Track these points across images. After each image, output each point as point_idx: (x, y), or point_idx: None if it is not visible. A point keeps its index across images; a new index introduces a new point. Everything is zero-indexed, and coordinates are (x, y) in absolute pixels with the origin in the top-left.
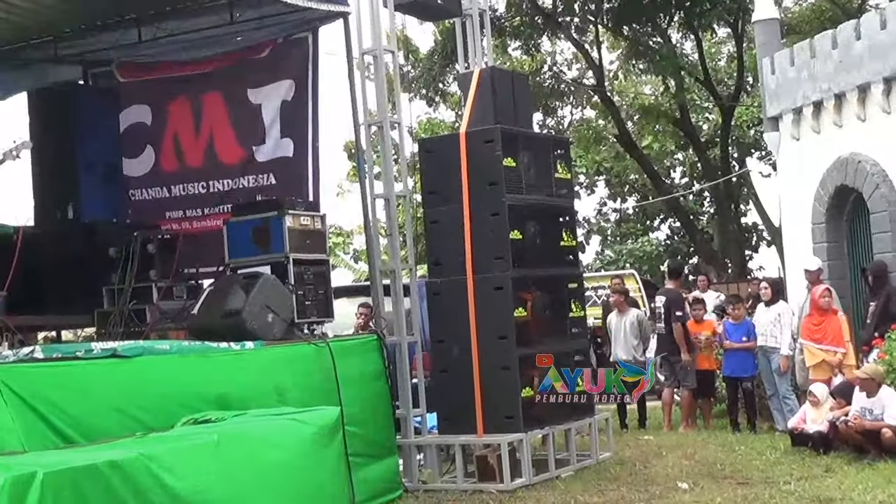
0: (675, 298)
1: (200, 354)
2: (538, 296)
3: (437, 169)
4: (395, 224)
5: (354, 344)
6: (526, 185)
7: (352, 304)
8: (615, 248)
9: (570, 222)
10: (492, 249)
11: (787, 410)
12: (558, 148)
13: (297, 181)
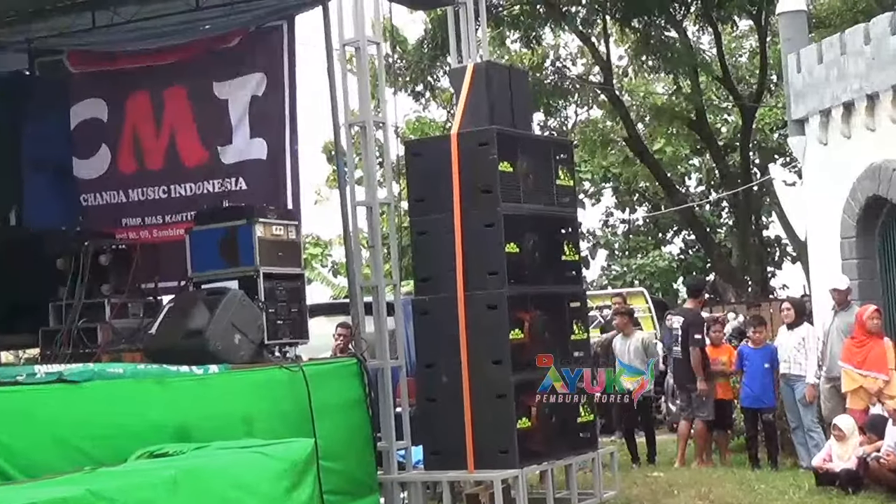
0: (694, 320)
1: (158, 380)
2: (537, 316)
3: (426, 174)
4: (378, 235)
5: (332, 368)
6: (524, 192)
7: (329, 324)
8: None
9: (572, 234)
10: (485, 264)
11: (812, 445)
12: (561, 151)
13: (271, 186)
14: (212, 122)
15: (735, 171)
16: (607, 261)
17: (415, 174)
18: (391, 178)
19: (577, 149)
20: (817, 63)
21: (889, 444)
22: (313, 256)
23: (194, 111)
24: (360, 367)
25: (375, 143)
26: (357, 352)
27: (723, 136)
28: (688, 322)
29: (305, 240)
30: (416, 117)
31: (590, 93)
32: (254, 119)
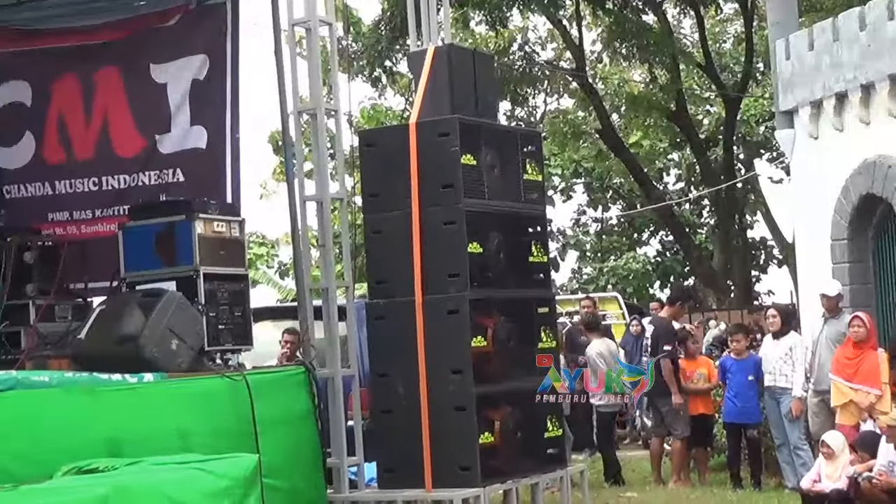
0: (664, 329)
1: (87, 389)
2: (501, 322)
3: (382, 167)
4: (329, 233)
5: (278, 378)
6: (488, 187)
7: (276, 330)
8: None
9: (541, 234)
10: (446, 265)
11: (800, 464)
12: (529, 144)
13: (210, 179)
14: (149, 107)
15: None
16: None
17: (369, 167)
18: (343, 172)
19: (547, 141)
20: (808, 50)
21: (882, 463)
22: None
23: (129, 96)
24: (308, 376)
25: (327, 133)
26: (305, 360)
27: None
28: (657, 332)
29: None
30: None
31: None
32: (195, 105)
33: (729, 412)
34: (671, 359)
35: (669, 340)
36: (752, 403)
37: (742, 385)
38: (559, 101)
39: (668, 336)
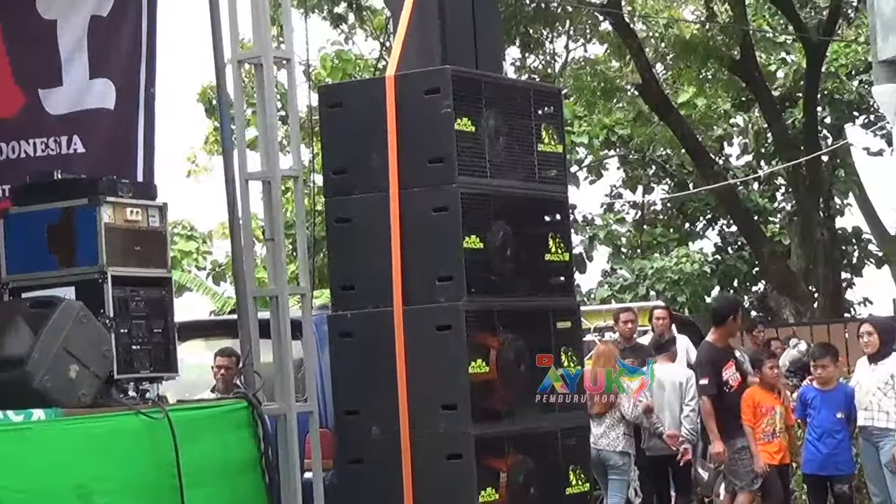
0: (704, 358)
1: None
2: (508, 341)
3: (349, 135)
4: (279, 222)
5: (211, 415)
6: (491, 162)
7: (208, 351)
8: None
9: (561, 223)
10: (435, 265)
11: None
12: (545, 104)
13: (120, 150)
14: (32, 53)
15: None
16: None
17: (333, 135)
18: (299, 141)
19: (569, 101)
20: None
21: None
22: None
23: (6, 38)
24: (251, 413)
25: (276, 89)
26: (248, 391)
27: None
28: (696, 361)
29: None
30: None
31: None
32: (95, 51)
33: (811, 461)
34: (708, 395)
35: (709, 371)
36: (842, 449)
37: (829, 425)
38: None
39: (708, 366)
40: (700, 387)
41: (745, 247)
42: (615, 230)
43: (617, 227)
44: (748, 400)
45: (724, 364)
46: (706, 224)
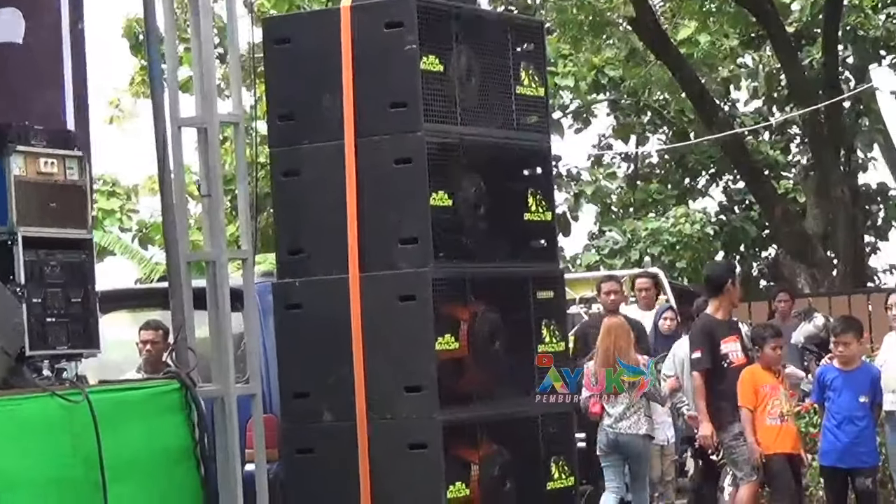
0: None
1: None
2: (481, 313)
3: (298, 75)
4: (217, 176)
5: (138, 398)
6: (463, 107)
7: (135, 324)
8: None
9: (543, 178)
10: (397, 225)
11: None
12: (525, 40)
13: (34, 92)
14: None
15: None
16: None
17: (279, 75)
18: (239, 82)
19: (553, 37)
20: None
21: None
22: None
23: None
24: (184, 396)
25: (214, 22)
26: (180, 371)
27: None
28: (690, 333)
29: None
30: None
31: None
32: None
33: (829, 451)
34: (700, 370)
35: (702, 344)
36: (865, 438)
37: (850, 410)
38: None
39: (702, 338)
40: (692, 360)
41: (754, 206)
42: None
43: (606, 182)
44: (746, 379)
45: (724, 337)
46: (709, 180)
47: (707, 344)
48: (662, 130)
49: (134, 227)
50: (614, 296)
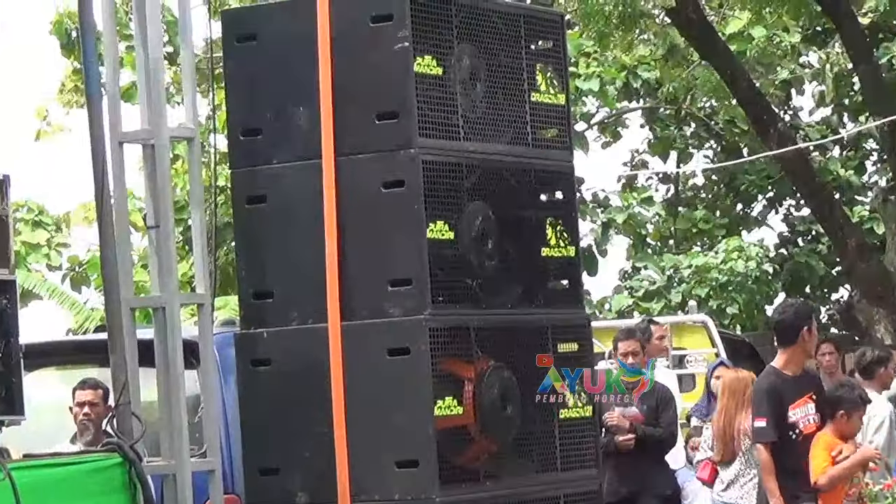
0: (765, 390)
1: None
2: (490, 370)
3: (265, 79)
4: (167, 203)
5: (71, 476)
6: (466, 118)
7: (66, 384)
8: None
9: (564, 204)
10: (386, 263)
11: None
12: (541, 36)
13: None
14: None
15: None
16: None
17: (243, 79)
18: (194, 88)
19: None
20: None
21: None
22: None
23: None
24: (128, 472)
25: (162, 14)
26: (123, 442)
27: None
28: (754, 394)
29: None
30: None
31: None
32: None
33: None
34: (764, 443)
35: (764, 409)
36: None
37: None
38: None
39: (764, 401)
40: (755, 430)
41: (822, 237)
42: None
43: (641, 209)
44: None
45: (795, 401)
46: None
47: (773, 410)
48: (709, 145)
49: (65, 265)
50: (633, 359)
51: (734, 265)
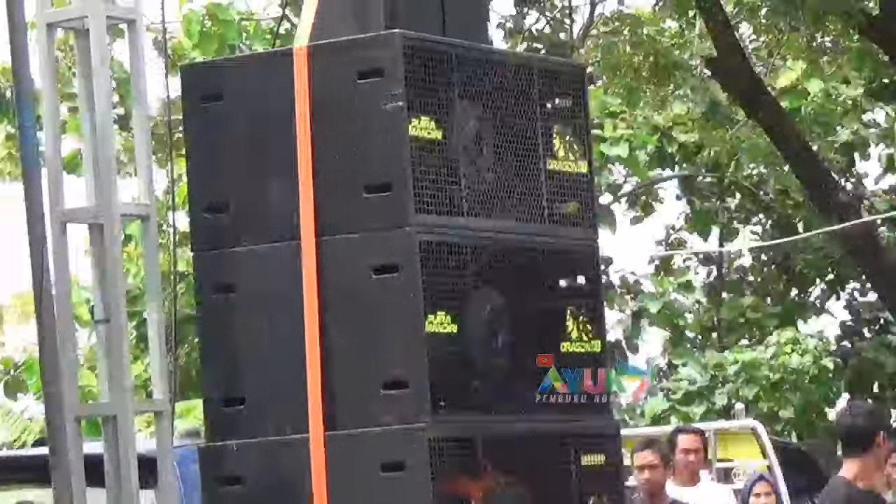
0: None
1: None
2: (501, 489)
3: (232, 146)
4: (116, 294)
5: None
6: (470, 190)
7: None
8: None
9: (587, 291)
10: (377, 363)
11: None
12: (559, 92)
13: None
14: None
15: None
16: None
17: (207, 146)
18: (149, 157)
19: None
20: None
21: None
22: None
23: None
24: None
25: (112, 71)
26: None
27: None
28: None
29: None
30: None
31: None
32: None
33: None
34: None
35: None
36: None
37: None
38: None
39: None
40: None
41: (892, 327)
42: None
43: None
44: None
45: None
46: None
47: None
48: (758, 220)
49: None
50: (650, 472)
51: (788, 361)
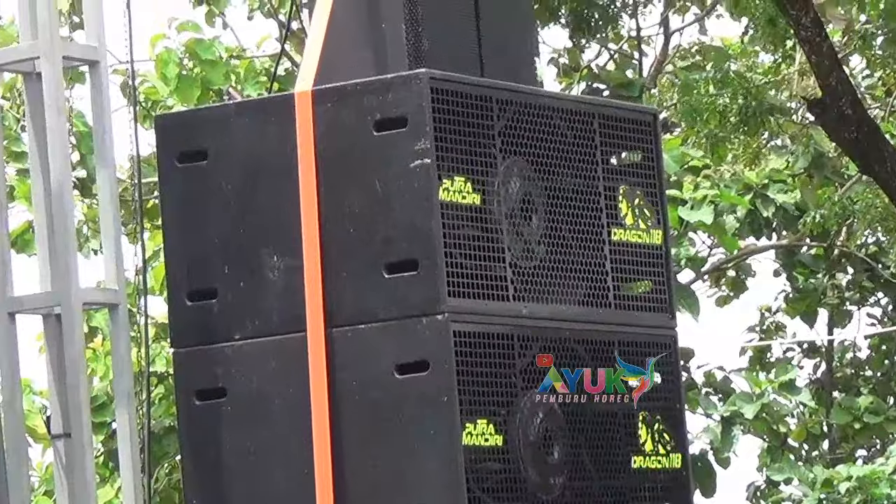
0: None
1: None
2: None
3: (219, 216)
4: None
5: None
6: (517, 267)
7: None
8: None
9: (663, 391)
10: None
11: None
12: (623, 143)
13: None
14: None
15: None
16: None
17: (187, 217)
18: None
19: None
20: None
21: None
22: None
23: None
24: None
25: (71, 122)
26: None
27: None
28: None
29: None
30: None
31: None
32: None
33: None
34: None
35: None
36: None
37: None
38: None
39: None
40: None
41: None
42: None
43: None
44: None
45: None
46: None
47: None
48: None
49: None
50: None
51: None
